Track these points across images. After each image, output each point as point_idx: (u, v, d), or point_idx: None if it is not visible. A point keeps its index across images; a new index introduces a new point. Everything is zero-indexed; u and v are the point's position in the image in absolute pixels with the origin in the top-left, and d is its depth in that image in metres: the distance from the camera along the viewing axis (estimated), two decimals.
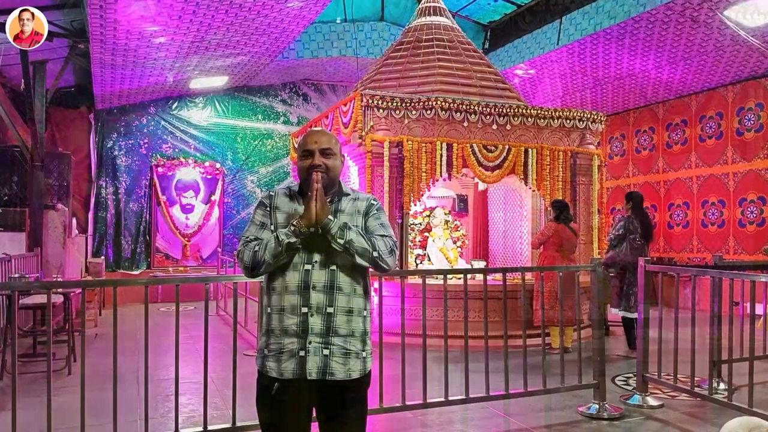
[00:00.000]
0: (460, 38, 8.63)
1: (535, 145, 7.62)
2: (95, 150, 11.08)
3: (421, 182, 7.10)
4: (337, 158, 2.25)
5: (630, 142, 11.97)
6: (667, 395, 4.74)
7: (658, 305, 4.64)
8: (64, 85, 10.16)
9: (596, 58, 9.76)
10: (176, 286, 3.46)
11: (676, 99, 10.93)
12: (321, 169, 2.18)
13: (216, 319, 8.81)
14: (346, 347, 2.11)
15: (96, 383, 4.03)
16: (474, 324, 5.47)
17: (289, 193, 2.27)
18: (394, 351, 3.93)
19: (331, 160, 2.22)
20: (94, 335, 7.34)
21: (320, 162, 2.18)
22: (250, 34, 8.58)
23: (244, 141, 12.23)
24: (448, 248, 8.15)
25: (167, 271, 11.27)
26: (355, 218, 2.21)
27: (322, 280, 2.11)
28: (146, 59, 8.92)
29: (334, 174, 2.22)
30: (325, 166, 2.19)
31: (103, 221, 11.08)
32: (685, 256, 10.72)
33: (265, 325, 2.18)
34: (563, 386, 4.30)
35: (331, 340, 2.10)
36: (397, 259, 2.20)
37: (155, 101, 11.51)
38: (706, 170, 10.39)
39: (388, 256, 2.15)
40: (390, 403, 3.83)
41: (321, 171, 2.17)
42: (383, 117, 7.12)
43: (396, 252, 2.21)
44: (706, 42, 8.50)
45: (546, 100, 11.94)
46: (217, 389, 4.82)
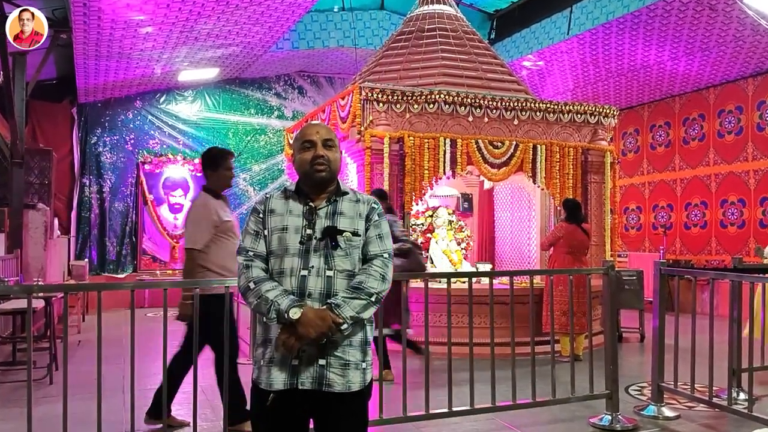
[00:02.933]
0: (465, 28, 8.63)
1: (544, 141, 7.62)
2: (78, 146, 11.09)
3: (424, 180, 7.10)
4: (337, 151, 2.26)
5: (644, 138, 11.97)
6: (684, 406, 4.74)
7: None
8: (45, 78, 10.16)
9: (609, 48, 9.76)
10: (164, 290, 3.46)
11: (693, 92, 10.93)
12: (324, 159, 2.18)
13: None
14: (345, 358, 2.11)
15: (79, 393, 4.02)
16: (479, 330, 5.47)
17: (285, 193, 2.27)
18: (394, 359, 3.93)
19: (332, 152, 2.23)
20: (77, 342, 7.33)
21: (323, 153, 2.19)
22: (243, 23, 8.58)
23: (236, 137, 12.23)
24: (452, 250, 8.15)
25: (155, 274, 11.27)
26: (356, 222, 2.20)
27: (319, 287, 2.11)
28: (132, 50, 8.92)
29: (335, 167, 2.23)
30: (327, 158, 2.20)
31: (86, 221, 11.08)
32: (703, 259, 10.72)
33: (262, 334, 2.18)
34: (574, 396, 4.29)
35: (327, 351, 2.10)
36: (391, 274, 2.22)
37: (142, 95, 11.51)
38: (725, 167, 10.39)
39: (383, 286, 2.16)
40: (391, 414, 3.83)
41: (324, 162, 2.18)
42: (383, 111, 7.12)
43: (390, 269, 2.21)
44: (725, 31, 8.50)
45: (555, 93, 11.95)
46: (207, 399, 4.82)
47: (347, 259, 2.15)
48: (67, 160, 11.01)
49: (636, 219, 12.14)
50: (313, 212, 2.19)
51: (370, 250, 2.20)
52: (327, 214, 2.19)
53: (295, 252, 2.14)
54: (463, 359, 4.09)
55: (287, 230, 2.17)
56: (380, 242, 2.22)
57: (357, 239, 2.18)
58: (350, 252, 2.16)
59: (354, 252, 2.17)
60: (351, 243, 2.16)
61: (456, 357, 3.97)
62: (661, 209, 11.60)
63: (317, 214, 2.19)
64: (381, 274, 2.16)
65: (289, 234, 2.16)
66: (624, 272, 4.53)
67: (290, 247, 2.15)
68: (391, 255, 2.23)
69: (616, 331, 4.79)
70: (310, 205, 2.20)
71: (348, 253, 2.15)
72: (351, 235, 2.16)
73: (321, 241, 2.14)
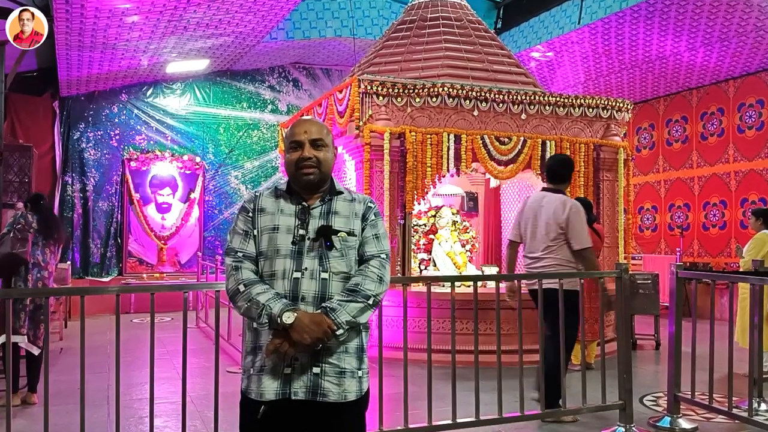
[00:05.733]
0: (470, 16, 8.64)
1: (553, 136, 7.62)
2: (60, 142, 11.09)
3: (426, 178, 7.10)
4: (330, 150, 2.26)
5: (660, 134, 11.98)
6: (702, 417, 4.74)
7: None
8: (25, 70, 10.15)
9: (622, 38, 9.76)
10: (151, 294, 3.46)
11: (711, 85, 10.93)
12: (312, 162, 2.18)
13: (196, 331, 8.81)
14: (341, 365, 2.11)
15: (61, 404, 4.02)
16: (485, 337, 5.47)
17: (276, 192, 2.27)
18: (395, 367, 3.93)
19: (323, 152, 2.22)
20: (59, 350, 7.33)
21: (311, 155, 2.19)
22: (234, 11, 8.59)
23: (228, 132, 12.24)
24: (456, 252, 8.16)
25: (141, 278, 11.28)
26: (352, 221, 2.21)
27: (313, 290, 2.12)
28: (117, 40, 8.92)
29: (326, 168, 2.22)
30: (316, 160, 2.19)
31: (69, 222, 11.08)
32: (722, 261, 10.72)
33: (251, 342, 2.18)
34: (585, 407, 4.29)
35: (321, 358, 2.10)
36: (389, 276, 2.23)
37: (127, 87, 11.52)
38: (746, 165, 10.40)
39: (380, 289, 2.17)
40: (391, 425, 3.83)
41: (312, 164, 2.18)
42: (383, 105, 7.12)
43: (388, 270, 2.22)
44: (746, 20, 8.50)
45: (566, 86, 11.95)
46: (197, 410, 4.82)
47: (343, 261, 2.16)
48: (48, 156, 11.02)
49: (651, 219, 12.15)
50: (307, 212, 2.19)
51: (367, 250, 2.20)
52: (321, 214, 2.19)
53: (287, 253, 2.14)
54: (468, 368, 4.09)
55: (278, 230, 2.17)
56: (377, 242, 2.22)
57: (353, 239, 2.18)
58: (346, 253, 2.16)
59: (350, 253, 2.17)
60: (347, 243, 2.17)
61: (460, 365, 3.97)
62: (677, 209, 11.60)
63: (311, 213, 2.19)
64: (378, 276, 2.16)
65: (281, 234, 2.16)
66: (638, 276, 4.53)
67: (281, 247, 2.15)
68: (388, 256, 2.24)
69: (630, 338, 4.79)
70: (303, 204, 2.20)
71: (344, 254, 2.16)
72: (346, 235, 2.17)
73: (315, 241, 2.14)
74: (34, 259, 5.11)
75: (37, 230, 5.17)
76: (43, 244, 5.21)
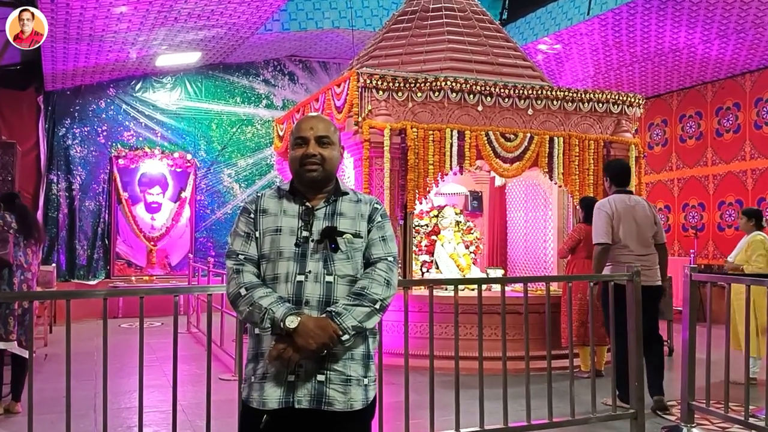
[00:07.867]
0: (474, 7, 8.65)
1: (561, 132, 7.62)
2: (45, 138, 11.08)
3: (428, 177, 7.10)
4: (335, 149, 2.27)
5: (673, 130, 11.98)
6: (717, 427, 4.73)
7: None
8: (8, 63, 10.17)
9: (633, 30, 9.76)
10: (140, 298, 3.46)
11: (727, 79, 10.93)
12: (316, 159, 2.19)
13: (187, 337, 8.81)
14: (346, 372, 2.11)
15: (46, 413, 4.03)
16: (490, 343, 5.46)
17: (279, 192, 2.28)
18: (396, 374, 3.94)
19: (328, 150, 2.23)
20: (43, 356, 7.34)
21: (315, 152, 2.20)
22: (227, 2, 8.59)
23: (220, 128, 12.24)
24: (460, 254, 8.16)
25: (129, 280, 11.27)
26: (358, 222, 2.22)
27: (317, 294, 2.12)
28: (105, 32, 8.92)
29: (330, 166, 2.24)
30: (320, 157, 2.20)
31: (54, 222, 11.08)
32: None
33: (253, 348, 2.18)
34: (595, 416, 4.29)
35: (326, 365, 2.10)
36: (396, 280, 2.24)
37: (115, 81, 11.52)
38: (763, 162, 10.39)
39: (388, 293, 2.18)
40: None
41: (316, 161, 2.18)
42: (383, 100, 7.13)
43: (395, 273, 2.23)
44: (762, 12, 8.50)
45: (574, 80, 11.95)
46: (188, 420, 4.82)
47: (348, 263, 2.16)
48: (32, 154, 11.01)
49: (664, 219, 12.15)
50: (311, 213, 2.20)
51: (374, 253, 2.21)
52: (326, 215, 2.20)
53: (290, 255, 2.15)
54: (472, 375, 4.09)
55: (281, 232, 2.17)
56: (384, 245, 2.23)
57: (359, 241, 2.19)
58: (352, 255, 2.17)
59: (356, 255, 2.18)
60: (352, 245, 2.17)
61: (464, 373, 3.97)
62: (691, 209, 11.60)
63: (315, 214, 2.20)
64: (386, 279, 2.16)
65: (283, 236, 2.17)
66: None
67: (284, 250, 2.15)
68: (396, 258, 2.24)
69: (641, 344, 4.78)
70: (306, 205, 2.21)
71: (349, 257, 2.16)
72: (352, 237, 2.17)
73: (319, 243, 2.14)
74: (17, 260, 5.10)
75: (17, 230, 5.16)
76: (25, 245, 5.19)
